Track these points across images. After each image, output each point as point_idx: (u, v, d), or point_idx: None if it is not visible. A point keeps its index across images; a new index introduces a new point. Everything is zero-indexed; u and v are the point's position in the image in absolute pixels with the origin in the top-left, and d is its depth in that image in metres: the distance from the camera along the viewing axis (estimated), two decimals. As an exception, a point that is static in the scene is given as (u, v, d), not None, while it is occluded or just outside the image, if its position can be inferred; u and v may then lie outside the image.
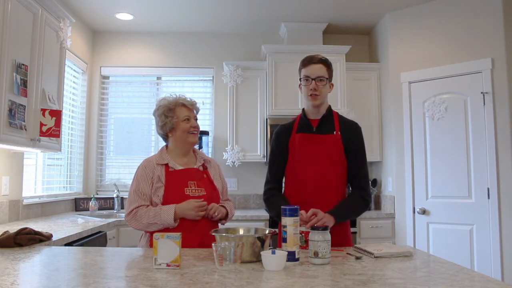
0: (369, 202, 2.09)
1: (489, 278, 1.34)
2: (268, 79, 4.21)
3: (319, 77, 2.03)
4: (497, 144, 3.40)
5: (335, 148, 2.04)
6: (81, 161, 4.42)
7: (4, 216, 2.94)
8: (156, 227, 1.99)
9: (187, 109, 2.14)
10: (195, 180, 2.10)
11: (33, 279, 1.39)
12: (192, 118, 2.15)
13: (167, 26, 4.54)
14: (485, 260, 3.40)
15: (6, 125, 2.40)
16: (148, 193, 2.05)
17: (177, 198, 2.02)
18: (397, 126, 4.01)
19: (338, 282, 1.29)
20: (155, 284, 1.26)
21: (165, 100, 2.16)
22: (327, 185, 2.02)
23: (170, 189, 2.05)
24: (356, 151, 2.07)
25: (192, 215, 1.99)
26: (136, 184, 2.07)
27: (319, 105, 2.07)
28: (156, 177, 2.07)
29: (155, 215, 1.98)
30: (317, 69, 2.04)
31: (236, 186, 4.57)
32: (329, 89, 2.10)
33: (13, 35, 2.48)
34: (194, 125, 2.14)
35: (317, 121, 2.10)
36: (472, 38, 3.62)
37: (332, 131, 2.07)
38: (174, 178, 2.07)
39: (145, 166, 2.10)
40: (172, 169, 2.09)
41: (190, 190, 2.06)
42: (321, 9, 4.11)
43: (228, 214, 2.15)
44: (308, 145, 2.07)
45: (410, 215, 3.85)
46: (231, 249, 1.49)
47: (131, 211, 2.03)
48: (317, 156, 2.04)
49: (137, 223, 2.01)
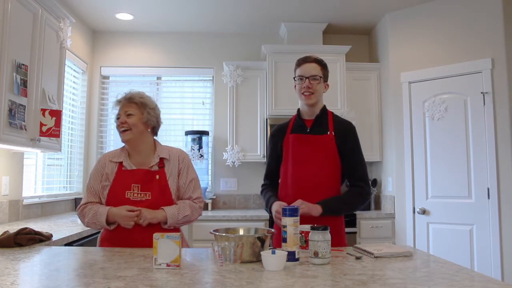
0: (365, 197, 2.09)
1: (489, 278, 1.34)
2: (268, 79, 4.21)
3: (313, 76, 2.06)
4: (497, 144, 3.40)
5: (328, 148, 2.05)
6: (81, 161, 4.42)
7: (4, 216, 2.94)
8: (96, 227, 1.98)
9: (121, 106, 2.07)
10: (139, 183, 2.00)
11: (33, 279, 1.39)
12: (123, 114, 2.03)
13: (167, 26, 4.54)
14: (485, 260, 3.40)
15: (6, 125, 2.40)
16: (97, 189, 2.02)
17: (118, 200, 1.96)
18: (397, 126, 4.01)
19: (338, 282, 1.29)
20: (155, 284, 1.26)
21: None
22: (320, 184, 2.04)
23: (113, 190, 2.00)
24: (351, 150, 2.08)
25: (122, 224, 1.93)
26: (90, 179, 2.06)
27: (313, 104, 2.09)
28: (105, 175, 2.02)
29: (94, 215, 1.95)
30: (311, 68, 2.07)
31: (236, 186, 4.57)
32: (324, 89, 2.12)
33: (13, 35, 2.48)
34: (121, 121, 2.03)
35: (311, 122, 2.12)
36: (472, 38, 3.62)
37: (325, 132, 2.08)
38: (120, 179, 2.01)
39: (99, 161, 2.08)
40: (125, 168, 2.03)
41: (131, 194, 1.98)
42: (321, 9, 4.11)
43: (167, 218, 1.96)
44: (301, 146, 2.09)
45: (410, 215, 3.85)
46: (231, 249, 1.49)
47: (81, 206, 2.02)
48: (310, 156, 2.06)
49: (83, 219, 2.00)
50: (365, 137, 4.30)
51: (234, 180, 4.57)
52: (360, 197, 2.08)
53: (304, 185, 2.05)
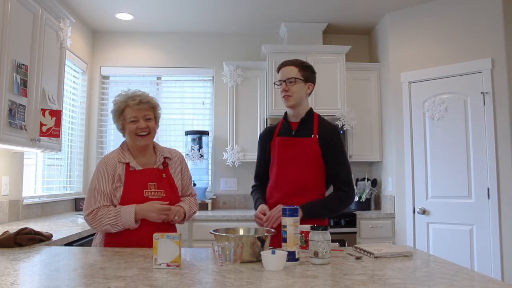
0: (347, 202, 2.10)
1: (489, 278, 1.34)
2: (268, 79, 4.21)
3: (289, 79, 2.10)
4: (497, 144, 3.40)
5: (312, 151, 2.08)
6: (81, 161, 4.42)
7: (4, 216, 2.94)
8: (117, 228, 1.93)
9: (136, 110, 2.01)
10: (155, 181, 2.02)
11: (33, 279, 1.39)
12: (141, 118, 2.00)
13: (167, 26, 4.54)
14: (485, 260, 3.40)
15: (6, 125, 2.40)
16: (108, 192, 1.97)
17: (136, 200, 1.95)
18: (397, 126, 4.01)
19: (338, 282, 1.29)
20: (155, 284, 1.26)
21: (116, 100, 2.07)
22: (304, 186, 2.07)
23: (129, 190, 1.98)
24: (333, 153, 2.09)
25: (154, 218, 1.93)
26: (97, 182, 1.98)
27: (293, 106, 2.14)
28: (117, 176, 2.00)
29: (116, 216, 1.91)
30: (288, 71, 2.13)
31: (236, 186, 4.56)
32: (305, 90, 2.13)
33: (13, 35, 2.48)
34: (141, 127, 2.00)
35: (296, 124, 2.16)
36: (472, 38, 3.62)
37: (310, 134, 2.11)
38: (134, 179, 2.00)
39: (106, 163, 2.01)
40: (133, 169, 2.02)
41: (149, 192, 1.99)
42: (321, 9, 4.11)
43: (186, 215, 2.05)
44: (286, 148, 2.13)
45: (410, 215, 3.85)
46: (231, 249, 1.49)
47: (92, 211, 1.94)
48: (294, 158, 2.10)
49: (98, 224, 1.93)
50: (365, 137, 4.30)
51: (234, 180, 4.57)
52: (342, 201, 2.09)
53: (288, 187, 2.09)
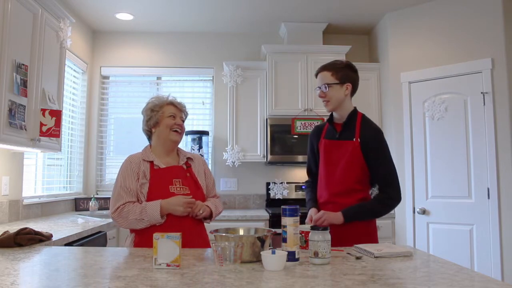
0: (389, 204, 2.12)
1: (489, 278, 1.34)
2: (268, 79, 4.21)
3: (324, 85, 2.15)
4: (497, 144, 3.40)
5: (354, 154, 2.10)
6: (81, 161, 4.42)
7: (4, 216, 2.94)
8: (143, 224, 1.96)
9: (175, 108, 2.17)
10: (180, 178, 2.09)
11: (33, 279, 1.39)
12: (178, 117, 2.16)
13: (167, 26, 4.54)
14: (485, 260, 3.40)
15: (6, 125, 2.40)
16: (134, 188, 2.03)
17: (162, 195, 2.00)
18: (397, 126, 4.01)
19: (338, 282, 1.29)
20: (155, 284, 1.26)
21: (156, 97, 2.20)
22: (350, 188, 2.10)
23: (154, 186, 2.03)
24: (375, 157, 2.10)
25: (180, 211, 1.97)
26: (122, 179, 2.04)
27: (334, 109, 2.18)
28: (141, 173, 2.05)
29: (141, 211, 1.95)
30: (321, 77, 2.18)
31: (236, 186, 4.56)
32: (343, 91, 2.14)
33: (13, 35, 2.48)
34: (178, 123, 2.14)
35: (340, 126, 2.19)
36: (472, 38, 3.62)
37: (352, 137, 2.13)
38: (159, 176, 2.06)
39: (130, 162, 2.09)
40: (157, 167, 2.08)
41: (175, 188, 2.05)
42: (321, 9, 4.11)
43: (212, 213, 2.12)
44: (331, 151, 2.18)
45: (410, 215, 3.85)
46: (231, 249, 1.49)
47: (118, 208, 1.99)
48: (339, 160, 2.14)
49: (124, 220, 1.98)
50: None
51: (234, 180, 4.57)
52: (382, 203, 2.11)
53: (334, 188, 2.14)
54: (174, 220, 1.98)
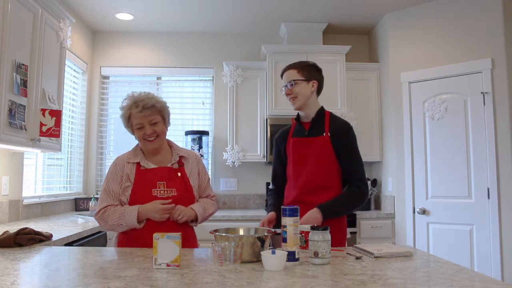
0: (362, 197, 2.10)
1: (489, 278, 1.34)
2: (268, 79, 4.21)
3: (290, 82, 2.15)
4: (497, 144, 3.40)
5: (325, 149, 2.09)
6: (81, 161, 4.42)
7: (4, 216, 2.94)
8: (122, 228, 1.95)
9: (141, 115, 1.98)
10: (165, 180, 2.01)
11: (33, 279, 1.39)
12: (147, 124, 1.99)
13: (167, 26, 4.54)
14: (485, 260, 3.40)
15: (6, 125, 2.40)
16: (117, 191, 2.00)
17: (144, 199, 1.96)
18: (397, 126, 4.01)
19: (338, 282, 1.29)
20: (155, 284, 1.26)
21: (122, 106, 2.06)
22: (320, 185, 2.08)
23: (137, 189, 1.99)
24: (346, 150, 2.10)
25: (156, 217, 1.93)
26: (106, 182, 2.02)
27: (301, 107, 2.16)
28: (125, 176, 2.01)
29: (120, 216, 1.93)
30: (288, 75, 2.19)
31: (236, 186, 4.57)
32: (309, 88, 2.14)
33: (13, 35, 2.48)
34: (147, 133, 1.99)
35: (309, 124, 2.17)
36: (472, 38, 3.62)
37: (322, 133, 2.12)
38: (143, 178, 2.00)
39: (115, 164, 2.05)
40: (144, 168, 2.03)
41: (158, 191, 1.98)
42: (321, 9, 4.11)
43: (197, 216, 2.03)
44: (300, 148, 2.15)
45: (410, 215, 3.85)
46: (231, 249, 1.49)
47: (100, 210, 1.97)
48: (308, 157, 2.11)
49: (104, 223, 1.97)
50: (365, 137, 4.30)
51: (234, 180, 4.57)
52: (354, 197, 2.10)
53: (303, 185, 2.10)
54: (153, 224, 1.94)
